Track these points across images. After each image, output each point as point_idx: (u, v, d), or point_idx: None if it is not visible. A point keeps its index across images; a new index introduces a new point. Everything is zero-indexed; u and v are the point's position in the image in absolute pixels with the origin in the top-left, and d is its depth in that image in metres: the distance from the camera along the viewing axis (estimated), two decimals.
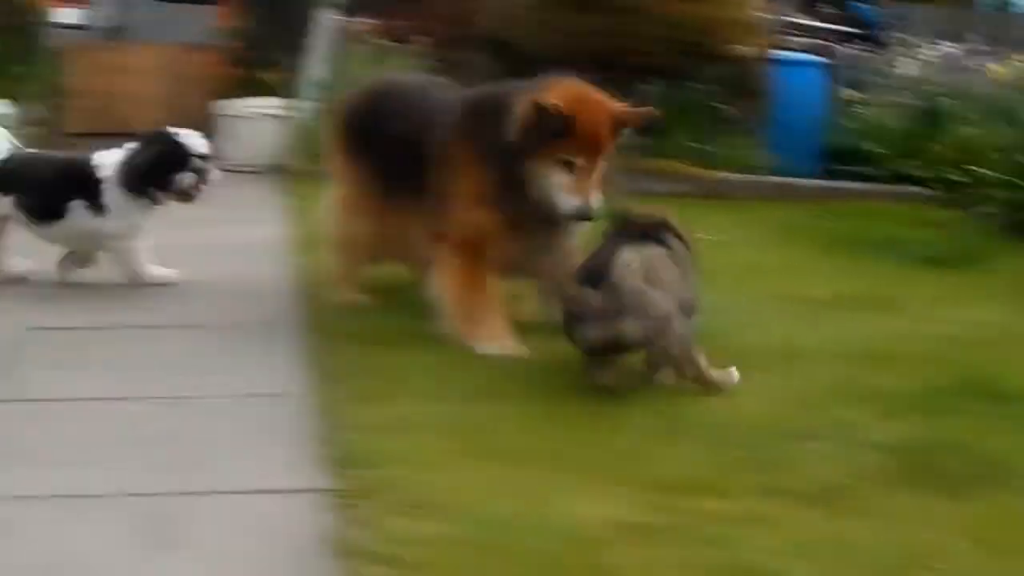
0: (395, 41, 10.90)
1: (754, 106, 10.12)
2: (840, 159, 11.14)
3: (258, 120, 11.13)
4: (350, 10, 11.81)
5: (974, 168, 9.49)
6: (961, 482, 4.26)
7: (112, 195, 6.65)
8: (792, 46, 12.92)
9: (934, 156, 10.11)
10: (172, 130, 6.82)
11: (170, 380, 5.28)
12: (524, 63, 7.75)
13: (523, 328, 5.71)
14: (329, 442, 4.51)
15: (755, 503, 4.06)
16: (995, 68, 10.07)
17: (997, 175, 9.12)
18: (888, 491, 4.18)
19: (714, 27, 9.95)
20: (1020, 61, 9.80)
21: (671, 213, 5.46)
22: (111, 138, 7.03)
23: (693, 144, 10.55)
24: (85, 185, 6.67)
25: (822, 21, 14.67)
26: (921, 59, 11.53)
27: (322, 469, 4.30)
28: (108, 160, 6.71)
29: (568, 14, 9.69)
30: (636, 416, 4.74)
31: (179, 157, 6.70)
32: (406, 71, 10.13)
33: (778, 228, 9.07)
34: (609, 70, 7.36)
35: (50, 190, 6.74)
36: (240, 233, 8.06)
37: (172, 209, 6.81)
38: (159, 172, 6.67)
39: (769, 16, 12.83)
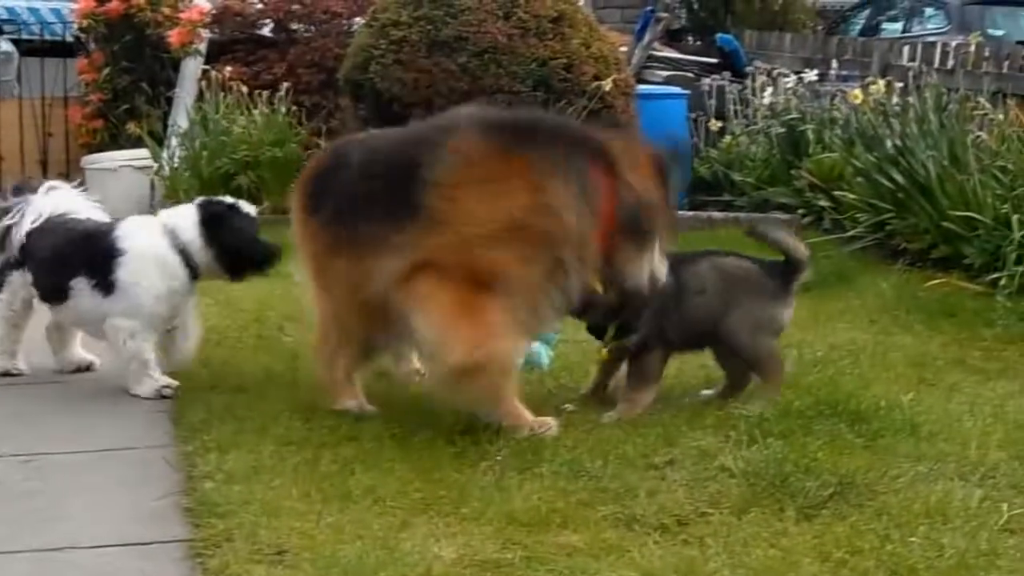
0: (260, 88, 10.88)
1: None
2: (706, 189, 11.27)
3: (125, 172, 11.10)
4: (214, 58, 11.79)
5: (837, 193, 9.61)
6: (812, 503, 4.33)
7: (131, 269, 5.72)
8: (655, 79, 13.07)
9: (798, 183, 10.23)
10: (224, 199, 5.95)
11: (27, 436, 5.25)
12: (384, 106, 7.76)
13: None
14: (186, 493, 4.50)
15: (608, 534, 4.10)
16: (855, 93, 10.19)
17: (860, 199, 9.24)
18: (740, 516, 4.24)
19: (578, 63, 10.01)
20: (876, 85, 9.93)
21: None
22: None
23: None
24: (93, 259, 5.79)
25: (686, 53, 14.81)
26: (784, 87, 11.66)
27: (179, 520, 4.30)
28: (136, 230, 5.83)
29: (428, 55, 9.70)
30: (492, 452, 4.77)
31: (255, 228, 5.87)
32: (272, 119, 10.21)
33: None
34: None
35: (55, 265, 5.88)
36: None
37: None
38: (250, 245, 5.83)
39: (631, 50, 12.99)
